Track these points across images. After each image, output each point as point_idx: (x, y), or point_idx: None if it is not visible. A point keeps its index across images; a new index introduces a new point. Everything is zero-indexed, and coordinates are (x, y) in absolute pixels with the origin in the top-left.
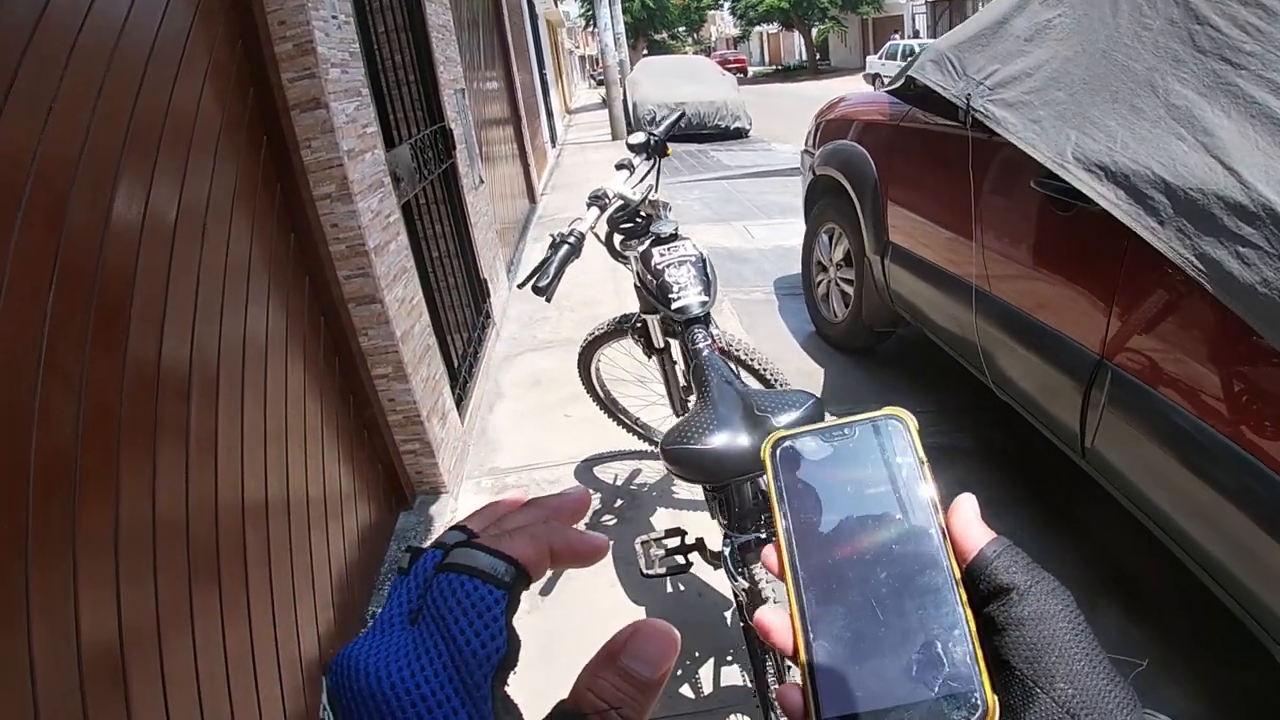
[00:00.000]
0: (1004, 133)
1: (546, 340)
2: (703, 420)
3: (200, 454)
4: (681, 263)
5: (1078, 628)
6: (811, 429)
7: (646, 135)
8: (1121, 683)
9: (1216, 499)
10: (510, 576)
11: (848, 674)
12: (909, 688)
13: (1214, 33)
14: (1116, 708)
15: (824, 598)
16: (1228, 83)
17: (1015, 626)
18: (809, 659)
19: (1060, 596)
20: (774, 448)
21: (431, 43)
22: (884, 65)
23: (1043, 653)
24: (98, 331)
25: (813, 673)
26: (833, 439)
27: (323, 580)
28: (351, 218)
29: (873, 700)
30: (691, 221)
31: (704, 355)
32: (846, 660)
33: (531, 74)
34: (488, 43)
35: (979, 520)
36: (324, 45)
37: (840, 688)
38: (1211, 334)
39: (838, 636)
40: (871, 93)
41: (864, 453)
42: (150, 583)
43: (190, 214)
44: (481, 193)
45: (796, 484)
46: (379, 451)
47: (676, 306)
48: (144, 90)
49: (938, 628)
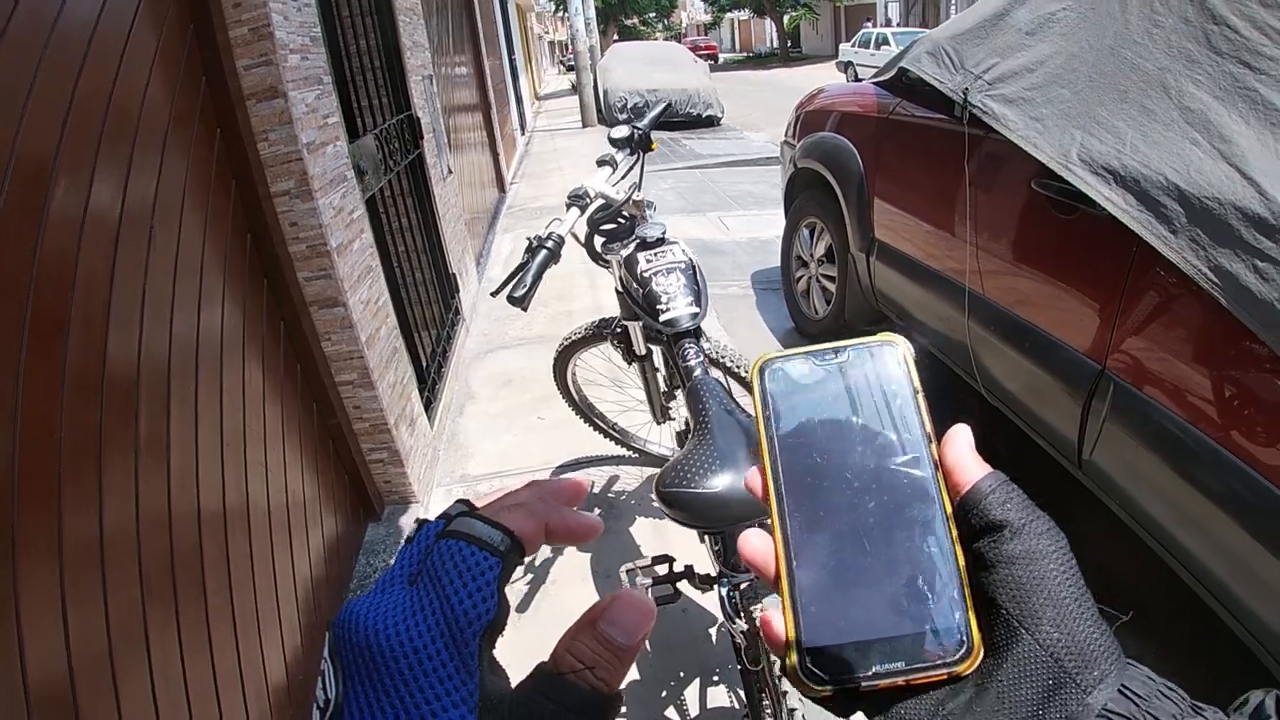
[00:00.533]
0: (1004, 130)
1: (518, 337)
2: (703, 458)
3: (150, 464)
4: (670, 270)
5: (1068, 571)
6: (803, 350)
7: (630, 129)
8: (1107, 631)
9: (1219, 514)
10: (505, 546)
11: (831, 604)
12: (893, 621)
13: (1232, 34)
14: (1100, 655)
15: (809, 525)
16: (1246, 87)
17: (1005, 564)
18: (791, 587)
19: (1054, 538)
20: (763, 369)
21: (399, 27)
22: (856, 53)
23: (1031, 593)
24: (34, 338)
25: (794, 601)
26: (825, 362)
27: (288, 597)
28: (312, 215)
29: (855, 632)
30: (665, 212)
31: (699, 377)
32: (830, 590)
33: (501, 59)
34: (457, 27)
35: (974, 453)
36: (282, 30)
37: (822, 618)
38: (1222, 347)
39: (822, 565)
40: (857, 84)
41: (856, 378)
42: (100, 605)
43: (135, 213)
44: (450, 183)
45: (785, 407)
46: (345, 461)
47: (665, 319)
48: (83, 78)
49: (925, 561)
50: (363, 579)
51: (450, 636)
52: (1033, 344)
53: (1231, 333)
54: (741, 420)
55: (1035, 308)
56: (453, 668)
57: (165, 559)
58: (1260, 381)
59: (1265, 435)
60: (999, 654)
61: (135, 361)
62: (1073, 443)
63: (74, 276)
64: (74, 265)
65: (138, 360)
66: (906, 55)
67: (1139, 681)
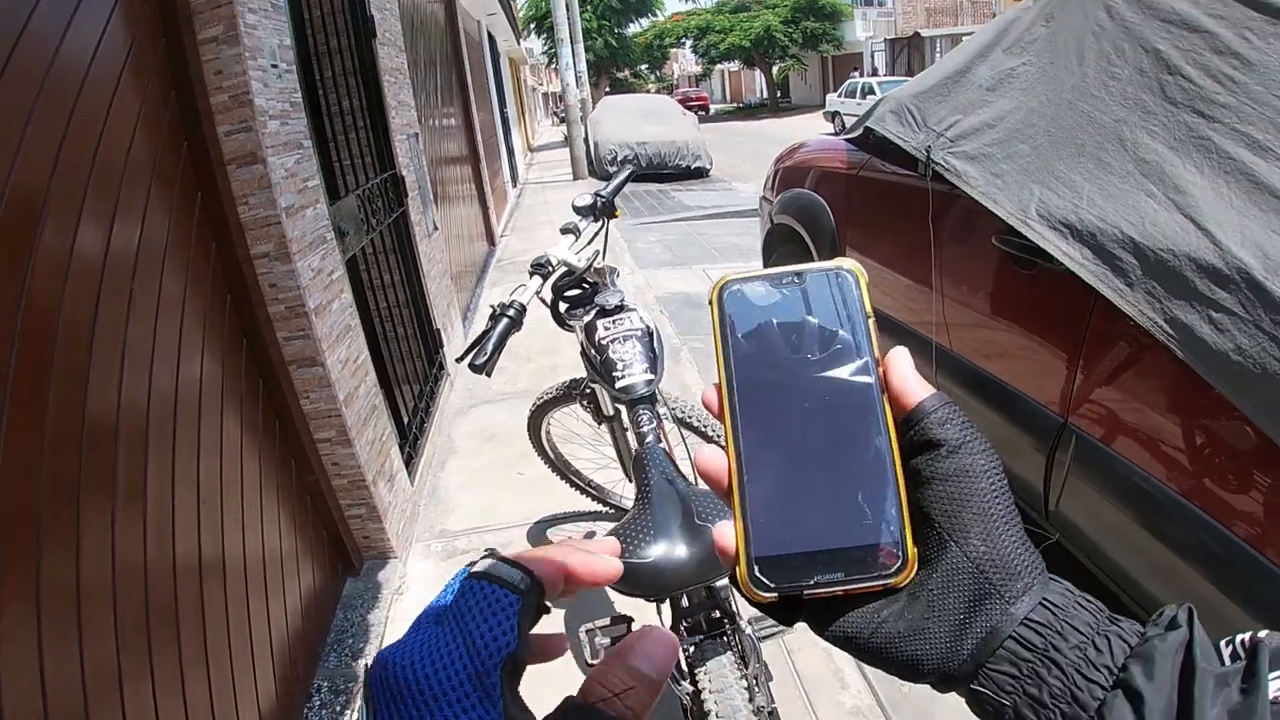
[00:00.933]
0: (965, 187)
1: (501, 392)
2: (639, 528)
3: (127, 514)
4: (627, 337)
5: (999, 489)
6: (761, 273)
7: (593, 197)
8: (1031, 548)
9: (1182, 565)
10: (525, 584)
11: (779, 516)
12: (836, 533)
13: (1186, 83)
14: (1024, 569)
15: (761, 442)
16: (1200, 136)
17: (940, 480)
18: (742, 499)
19: (988, 457)
20: (722, 290)
21: (383, 87)
22: (843, 103)
23: (961, 508)
24: (18, 385)
25: (745, 512)
26: (781, 286)
27: (263, 650)
28: (291, 277)
29: (801, 543)
30: (651, 265)
31: (648, 445)
32: (779, 503)
33: (492, 112)
34: (445, 81)
35: (915, 374)
36: (262, 97)
37: (771, 529)
38: (1180, 398)
39: (772, 479)
40: (830, 139)
41: (812, 302)
42: (75, 653)
43: (117, 269)
44: (435, 239)
45: (741, 328)
46: (323, 516)
47: (620, 386)
48: (71, 130)
49: (869, 478)
50: (340, 633)
51: (473, 669)
52: (998, 397)
53: (1189, 384)
54: (680, 490)
55: (999, 361)
56: (475, 698)
57: (140, 609)
58: (1218, 432)
59: (1224, 485)
60: (930, 565)
61: (114, 413)
62: (1039, 494)
63: (57, 326)
64: (57, 315)
65: (117, 412)
66: (872, 114)
67: (1058, 594)
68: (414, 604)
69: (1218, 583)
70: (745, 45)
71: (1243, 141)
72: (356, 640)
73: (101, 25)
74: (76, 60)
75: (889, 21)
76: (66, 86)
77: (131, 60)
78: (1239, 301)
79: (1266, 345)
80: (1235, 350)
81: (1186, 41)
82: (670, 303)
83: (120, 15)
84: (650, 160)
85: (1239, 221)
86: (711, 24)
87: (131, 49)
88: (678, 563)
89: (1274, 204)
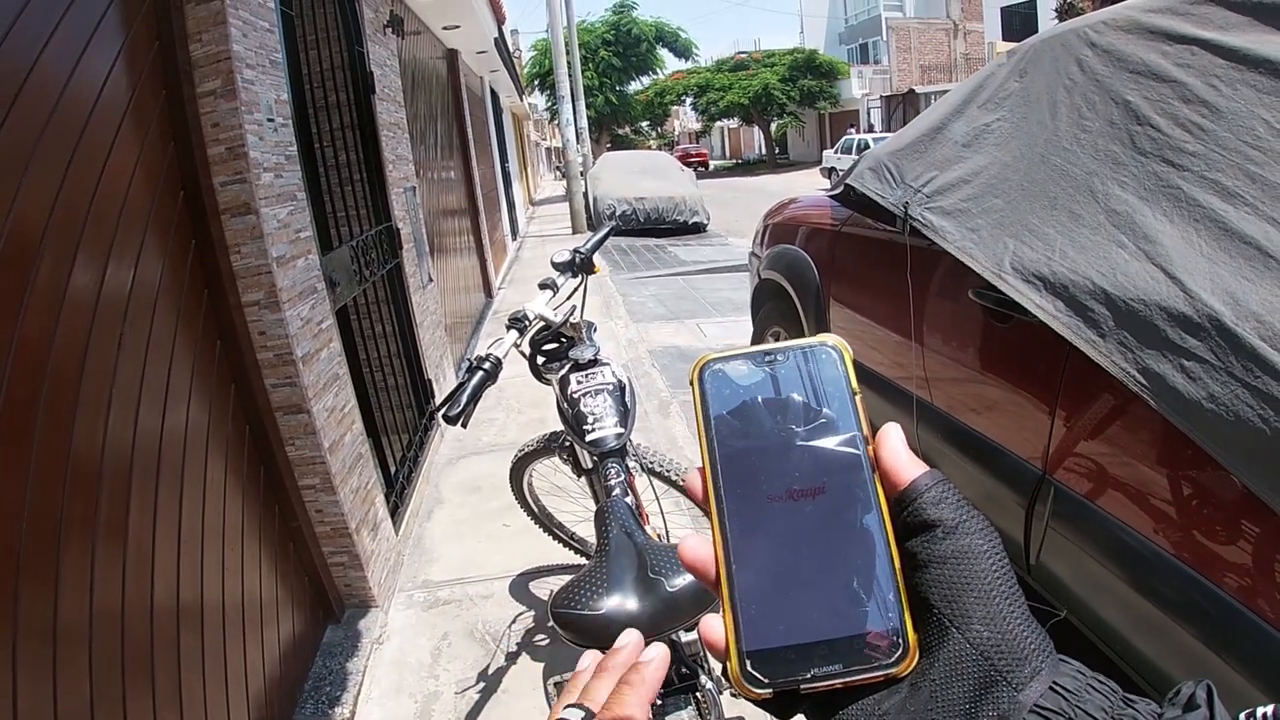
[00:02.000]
0: (941, 242)
1: (491, 443)
2: (594, 581)
3: (108, 554)
4: (598, 391)
5: (1001, 570)
6: (743, 351)
7: (572, 253)
8: (1038, 629)
9: (1164, 618)
10: None
11: (770, 607)
12: (831, 623)
13: (1155, 133)
14: (1031, 653)
15: (748, 528)
16: (1170, 185)
17: (938, 564)
18: (731, 590)
19: (987, 536)
20: (703, 370)
21: (381, 141)
22: (839, 159)
23: (962, 592)
24: (5, 421)
25: (734, 604)
26: (764, 364)
27: (239, 695)
28: (279, 326)
29: (795, 634)
30: (645, 319)
31: (613, 498)
32: (770, 593)
33: (493, 166)
34: (446, 135)
35: (908, 451)
36: (256, 150)
37: (762, 620)
38: (1156, 449)
39: (762, 568)
40: (817, 196)
41: (795, 380)
42: (49, 692)
43: (109, 310)
44: (430, 291)
45: (724, 409)
46: (306, 563)
47: (591, 439)
48: (71, 171)
49: (863, 563)
50: (318, 681)
51: None
52: (978, 450)
53: (1165, 435)
54: (638, 542)
55: (978, 414)
56: None
57: (116, 650)
58: (1196, 483)
59: (1206, 536)
60: (931, 653)
61: (99, 452)
62: (1020, 547)
63: (47, 364)
64: (48, 353)
65: (101, 451)
66: (852, 172)
67: (1069, 677)
68: (394, 653)
69: (1202, 636)
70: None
71: (1212, 189)
72: (334, 688)
73: (106, 71)
74: (81, 103)
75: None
76: (70, 127)
77: (133, 108)
78: (1210, 349)
79: (1239, 392)
80: (1208, 398)
81: (1155, 92)
82: (663, 356)
83: (124, 63)
84: (648, 215)
85: (1209, 269)
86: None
87: (133, 97)
88: (629, 615)
89: (1244, 250)
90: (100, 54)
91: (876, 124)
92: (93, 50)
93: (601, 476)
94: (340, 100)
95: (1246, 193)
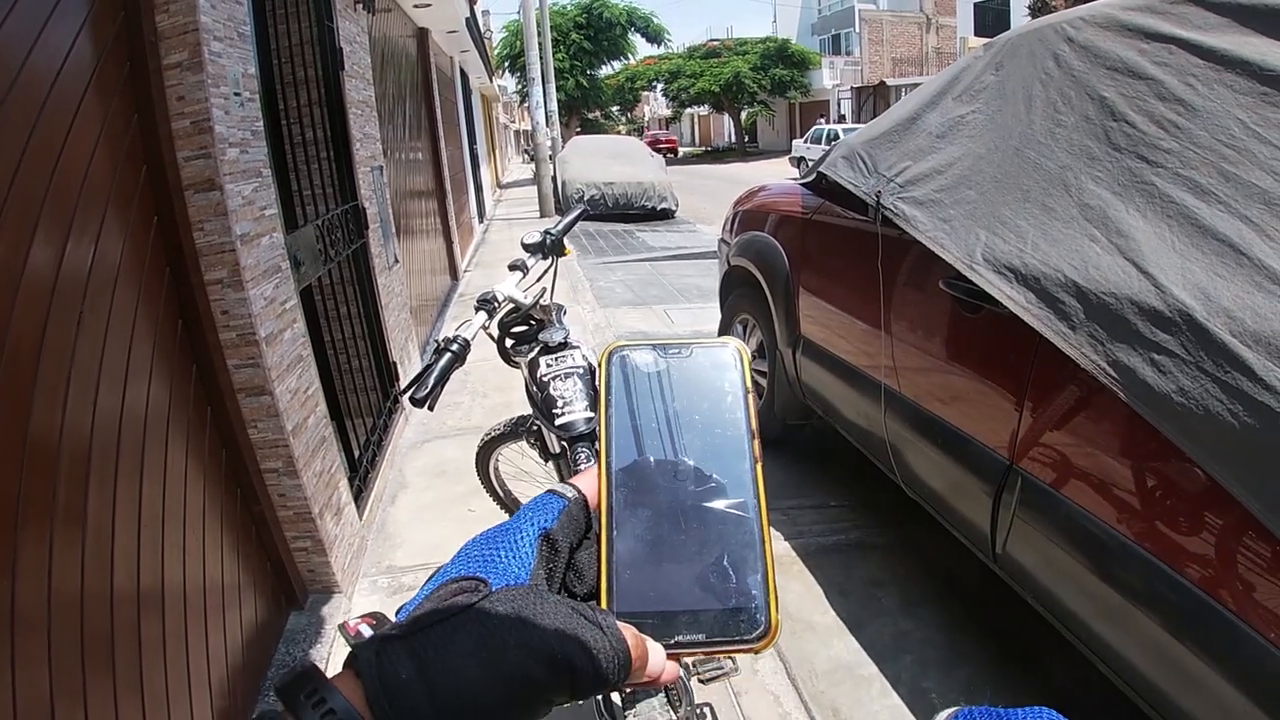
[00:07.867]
0: (913, 231)
1: (456, 427)
2: None
3: (66, 539)
4: (568, 375)
5: None
6: (649, 342)
7: (542, 235)
8: None
9: (1127, 605)
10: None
11: (643, 574)
12: (699, 595)
13: (1130, 129)
14: None
15: (633, 499)
16: (1144, 181)
17: None
18: (608, 554)
19: None
20: (610, 355)
21: (349, 119)
22: (809, 149)
23: None
24: None
25: (609, 568)
26: (668, 355)
27: (200, 681)
28: (243, 305)
29: (663, 601)
30: (612, 304)
31: None
32: (644, 561)
33: (461, 148)
34: (414, 115)
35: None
36: (222, 124)
37: (634, 586)
38: (1123, 440)
39: (639, 538)
40: (787, 184)
41: (694, 373)
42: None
43: (69, 287)
44: (396, 272)
45: (626, 391)
46: (268, 548)
47: (560, 423)
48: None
49: (736, 546)
50: (281, 667)
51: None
52: (945, 439)
53: (1133, 427)
54: None
55: (946, 404)
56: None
57: (76, 637)
58: (1162, 474)
59: (1170, 527)
60: None
61: (58, 435)
62: (986, 536)
63: (3, 344)
64: (4, 332)
65: (60, 434)
66: (825, 160)
67: None
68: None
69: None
70: (715, 90)
71: (1185, 186)
72: None
73: (69, 41)
74: (43, 74)
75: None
76: (31, 100)
77: (96, 80)
78: (1181, 344)
79: (1209, 386)
80: (1178, 392)
81: (1132, 89)
82: None
83: (88, 33)
84: (616, 200)
85: (1181, 264)
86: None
87: (96, 69)
88: None
89: (1216, 247)
90: (64, 24)
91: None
92: (56, 20)
93: (570, 461)
94: (309, 76)
95: (1220, 191)
